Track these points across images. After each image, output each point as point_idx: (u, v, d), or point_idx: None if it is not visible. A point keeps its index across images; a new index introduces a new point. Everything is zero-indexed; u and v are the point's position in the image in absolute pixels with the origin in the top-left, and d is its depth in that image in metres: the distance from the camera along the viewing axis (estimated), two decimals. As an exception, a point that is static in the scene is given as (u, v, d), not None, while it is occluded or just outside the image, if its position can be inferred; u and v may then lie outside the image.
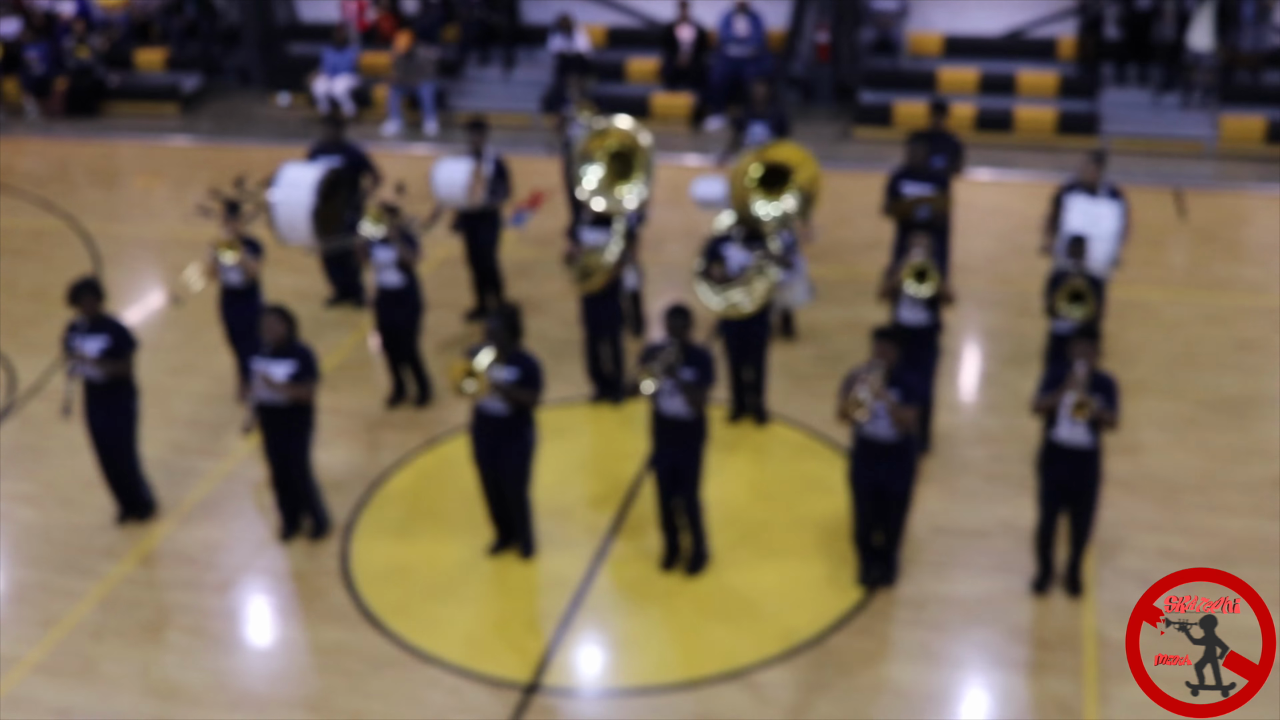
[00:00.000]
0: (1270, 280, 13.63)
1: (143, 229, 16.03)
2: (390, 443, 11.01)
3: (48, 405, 11.58)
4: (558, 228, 14.24)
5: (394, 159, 17.65)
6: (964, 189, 12.08)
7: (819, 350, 12.21)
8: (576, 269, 10.98)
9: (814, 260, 13.11)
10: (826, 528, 9.62)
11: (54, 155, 19.12)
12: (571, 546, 9.59)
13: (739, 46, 18.55)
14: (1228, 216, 15.47)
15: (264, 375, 9.05)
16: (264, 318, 9.18)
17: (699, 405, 8.72)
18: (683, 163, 17.06)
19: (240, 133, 19.53)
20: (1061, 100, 18.09)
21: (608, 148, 11.17)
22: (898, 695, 8.21)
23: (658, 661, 8.59)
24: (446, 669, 8.47)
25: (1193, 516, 9.74)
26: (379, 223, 10.75)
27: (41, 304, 13.48)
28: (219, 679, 8.51)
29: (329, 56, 19.65)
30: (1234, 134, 17.18)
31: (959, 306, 10.70)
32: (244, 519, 10.05)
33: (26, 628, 8.98)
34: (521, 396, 8.80)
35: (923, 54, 19.00)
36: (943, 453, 10.48)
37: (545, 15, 20.03)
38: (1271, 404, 11.24)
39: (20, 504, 10.37)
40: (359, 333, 12.70)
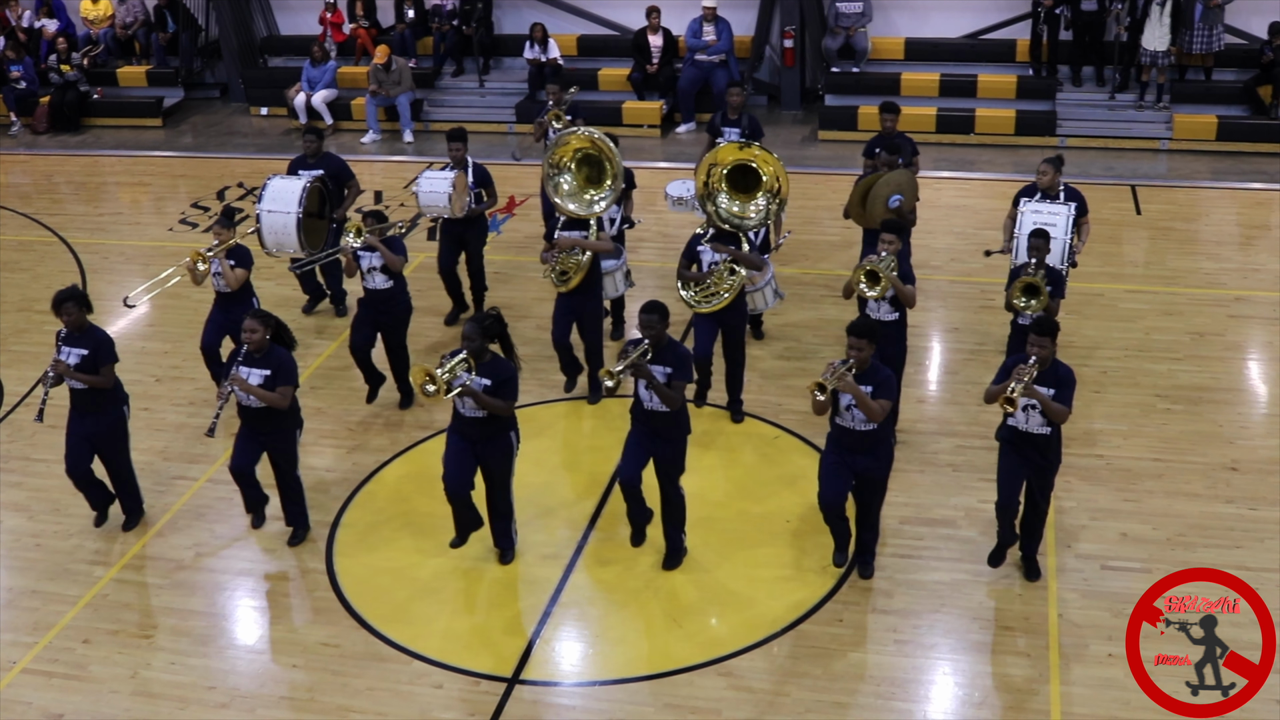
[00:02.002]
0: (1223, 272, 13.91)
1: (127, 240, 16.22)
2: (372, 445, 11.19)
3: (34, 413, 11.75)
4: (533, 232, 14.49)
5: (372, 168, 17.91)
6: (925, 188, 12.33)
7: (788, 348, 12.44)
8: (554, 271, 11.24)
9: (781, 260, 13.36)
10: (798, 520, 9.85)
11: (39, 169, 19.29)
12: (551, 542, 9.78)
13: (707, 53, 18.80)
14: (1182, 211, 15.76)
15: (237, 378, 9.21)
16: (245, 322, 9.33)
17: (673, 402, 8.85)
18: (655, 167, 17.33)
19: (221, 146, 19.77)
20: (1020, 101, 18.40)
21: (575, 154, 11.38)
22: (868, 680, 8.40)
23: (636, 652, 8.77)
24: (431, 665, 8.63)
25: (1151, 502, 9.98)
26: (358, 235, 10.99)
27: (28, 315, 13.72)
28: (207, 679, 8.63)
29: (308, 70, 19.91)
30: (1187, 131, 17.54)
31: (921, 301, 10.90)
32: (230, 523, 10.20)
33: (17, 633, 9.11)
34: (492, 404, 8.84)
35: (885, 58, 19.27)
36: (908, 444, 10.69)
37: (518, 26, 20.31)
38: (1225, 392, 11.54)
39: (9, 511, 10.51)
40: (341, 337, 12.91)
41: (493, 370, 8.91)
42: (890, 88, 18.58)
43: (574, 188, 11.37)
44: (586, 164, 11.38)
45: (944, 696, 8.33)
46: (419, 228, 15.26)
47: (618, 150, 11.29)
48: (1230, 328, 12.63)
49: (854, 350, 8.48)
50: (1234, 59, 18.03)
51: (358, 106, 19.87)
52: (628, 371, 8.74)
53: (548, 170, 11.37)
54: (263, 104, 21.01)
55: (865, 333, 8.52)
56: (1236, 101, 17.83)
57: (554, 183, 11.35)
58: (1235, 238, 15.10)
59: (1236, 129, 17.48)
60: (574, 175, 11.37)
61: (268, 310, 9.82)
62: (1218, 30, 17.41)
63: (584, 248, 11.15)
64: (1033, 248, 10.37)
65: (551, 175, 11.36)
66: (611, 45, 20.25)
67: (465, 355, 8.78)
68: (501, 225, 15.43)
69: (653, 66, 19.21)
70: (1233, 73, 18.09)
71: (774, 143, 17.57)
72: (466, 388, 8.74)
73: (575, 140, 11.33)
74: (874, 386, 8.53)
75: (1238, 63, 18.05)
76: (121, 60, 21.78)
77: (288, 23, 21.93)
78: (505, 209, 15.68)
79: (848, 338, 8.53)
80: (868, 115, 18.00)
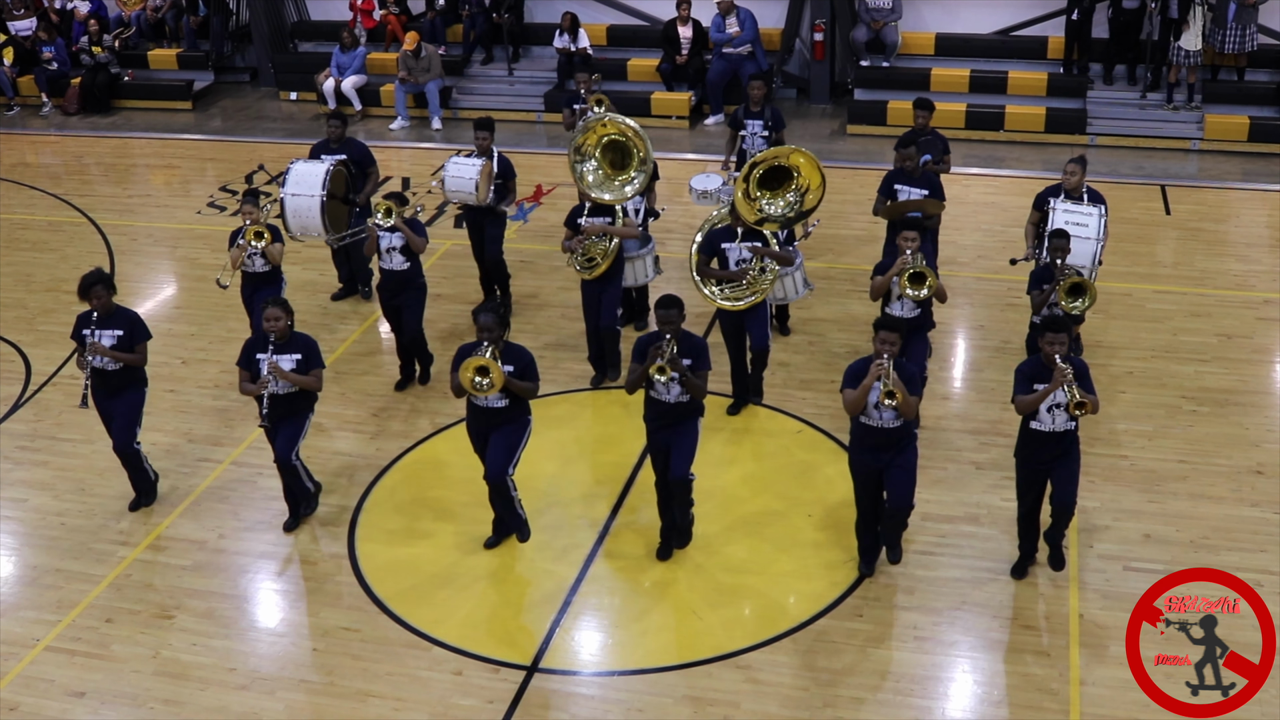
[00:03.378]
0: (1252, 274, 13.81)
1: (155, 222, 16.29)
2: (395, 430, 11.23)
3: (62, 394, 11.88)
4: (559, 221, 14.48)
5: (400, 155, 17.95)
6: (954, 185, 12.28)
7: (813, 343, 12.42)
8: (579, 258, 11.26)
9: (807, 254, 13.33)
10: (820, 515, 9.85)
11: (69, 151, 19.40)
12: (571, 533, 9.80)
13: (731, 45, 18.77)
14: (1211, 212, 15.64)
15: (275, 366, 9.26)
16: (266, 310, 9.38)
17: (699, 392, 8.86)
18: (683, 158, 17.33)
19: (250, 130, 19.85)
20: (1050, 99, 18.29)
21: (602, 140, 11.41)
22: (887, 676, 8.39)
23: (654, 644, 8.78)
24: (450, 651, 8.67)
25: (1175, 504, 9.93)
26: (388, 215, 11.04)
27: (57, 296, 13.82)
28: (228, 660, 8.70)
29: (337, 56, 19.95)
30: (1218, 132, 17.41)
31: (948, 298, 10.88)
32: (253, 506, 10.27)
33: (41, 611, 9.20)
34: (524, 388, 8.95)
35: (915, 53, 19.20)
36: (931, 441, 10.65)
37: (548, 15, 20.31)
38: (1252, 395, 11.47)
39: (35, 490, 10.59)
40: (367, 323, 12.96)
41: (513, 356, 8.98)
42: (920, 83, 18.50)
43: (599, 176, 11.39)
44: (612, 150, 11.41)
45: (963, 694, 8.32)
46: (445, 214, 15.28)
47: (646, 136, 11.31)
48: (1258, 330, 12.54)
49: (886, 345, 8.41)
50: (1267, 59, 17.88)
51: (387, 93, 19.91)
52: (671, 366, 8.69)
53: (573, 157, 11.39)
54: (292, 89, 21.06)
55: (897, 327, 8.49)
56: (1269, 102, 17.68)
57: (578, 170, 11.37)
58: (1265, 240, 14.98)
59: (1268, 130, 17.32)
60: (599, 162, 11.39)
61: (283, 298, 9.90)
62: (1251, 30, 17.27)
63: (611, 234, 11.17)
64: (1055, 248, 10.32)
65: (576, 162, 11.37)
66: (641, 36, 20.22)
67: (491, 346, 8.81)
68: (529, 214, 15.44)
69: (682, 58, 19.18)
70: (1265, 73, 17.95)
71: (802, 136, 17.65)
72: (507, 377, 8.81)
73: (600, 127, 11.36)
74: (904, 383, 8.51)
75: (1271, 63, 17.91)
76: (152, 43, 21.89)
77: (318, 8, 21.99)
78: (532, 197, 15.69)
79: (878, 333, 8.46)
80: (897, 110, 17.96)
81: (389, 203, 11.14)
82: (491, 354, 8.76)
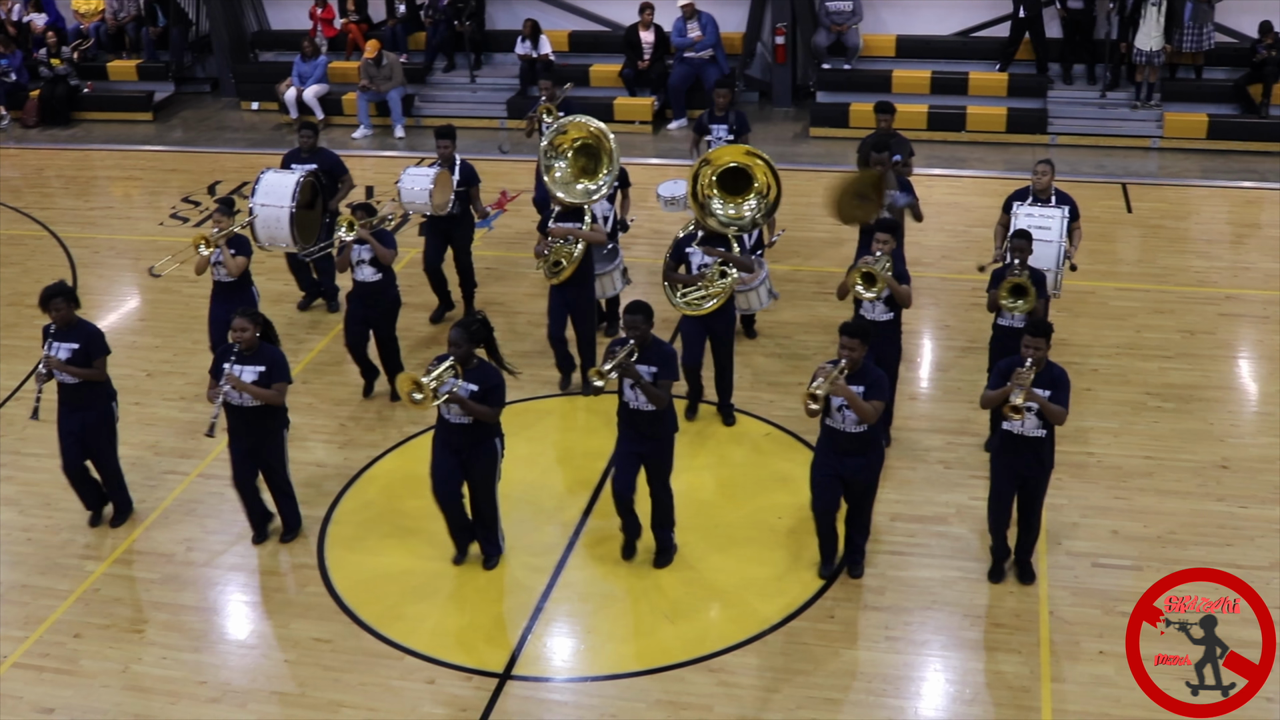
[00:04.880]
0: (1213, 270, 13.95)
1: (118, 234, 16.18)
2: (364, 440, 11.19)
3: (25, 408, 11.68)
4: (526, 228, 14.48)
5: (363, 163, 17.89)
6: (917, 186, 12.28)
7: (781, 347, 12.45)
8: (546, 262, 11.25)
9: (773, 258, 13.37)
10: (789, 518, 9.86)
11: (29, 164, 19.21)
12: (542, 539, 9.79)
13: (692, 50, 18.80)
14: (1172, 209, 15.78)
15: (232, 376, 9.18)
16: (234, 321, 9.29)
17: (659, 401, 8.83)
18: (646, 163, 17.32)
19: (212, 140, 19.74)
20: (1011, 99, 18.41)
21: (573, 143, 11.42)
22: (859, 677, 8.41)
23: (628, 649, 8.79)
24: (423, 660, 8.64)
25: (1142, 500, 10.01)
26: (350, 229, 11.00)
27: (19, 310, 13.69)
28: (199, 674, 8.64)
29: (298, 65, 19.87)
30: (1178, 130, 17.58)
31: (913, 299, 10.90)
32: (221, 518, 10.20)
33: (8, 627, 9.11)
34: (479, 411, 8.78)
35: (876, 55, 19.28)
36: (900, 442, 10.71)
37: (510, 22, 20.30)
38: (1215, 390, 11.57)
39: (0, 505, 10.50)
40: (333, 332, 12.90)
41: (480, 376, 8.84)
42: (881, 85, 18.59)
43: (568, 176, 11.41)
44: (584, 154, 11.43)
45: (935, 693, 8.35)
46: (410, 223, 15.25)
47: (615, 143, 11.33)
48: (1221, 326, 12.66)
49: (846, 350, 8.43)
50: (1224, 58, 18.06)
51: (349, 102, 19.84)
52: (615, 371, 8.73)
53: (544, 153, 11.39)
54: (253, 99, 20.94)
55: (858, 333, 8.48)
56: (1227, 100, 17.86)
57: (548, 166, 11.38)
58: (1226, 236, 15.15)
59: (1227, 127, 17.52)
60: (570, 163, 11.42)
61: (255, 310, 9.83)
62: (1208, 29, 17.46)
63: (578, 237, 11.16)
64: (1014, 248, 10.34)
65: (548, 159, 11.38)
66: (603, 41, 20.23)
67: (452, 361, 8.73)
68: (493, 221, 15.42)
69: (644, 63, 19.21)
70: (1223, 71, 18.14)
71: (765, 139, 17.68)
72: (453, 394, 8.69)
73: (575, 129, 11.38)
74: (866, 387, 8.50)
75: (1228, 61, 18.08)
76: (111, 54, 21.73)
77: (278, 17, 21.89)
78: (497, 205, 15.67)
79: (840, 338, 8.50)
80: (859, 112, 18.02)
81: (350, 215, 11.11)
82: (446, 370, 8.66)
